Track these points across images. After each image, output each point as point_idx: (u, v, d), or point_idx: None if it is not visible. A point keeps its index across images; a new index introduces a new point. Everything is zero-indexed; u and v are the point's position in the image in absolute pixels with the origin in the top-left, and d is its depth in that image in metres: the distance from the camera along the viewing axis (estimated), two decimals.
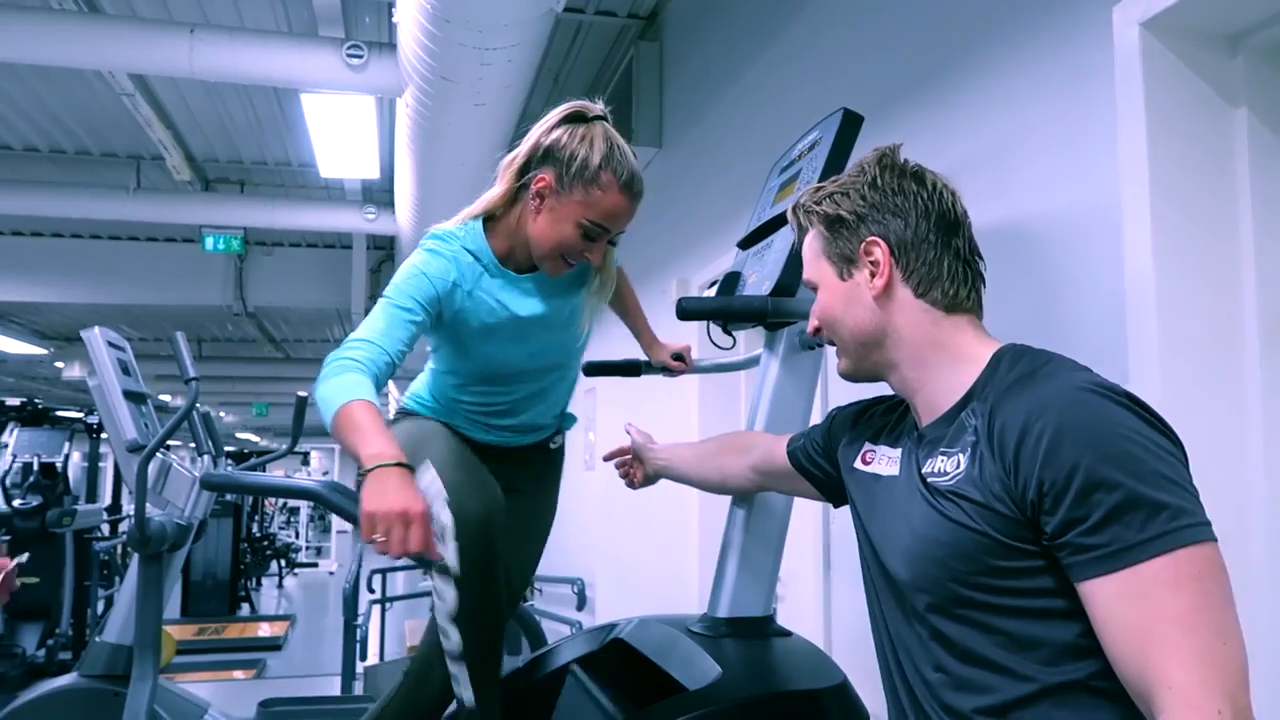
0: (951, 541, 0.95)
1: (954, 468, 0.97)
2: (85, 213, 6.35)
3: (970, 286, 1.07)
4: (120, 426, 2.68)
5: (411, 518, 1.24)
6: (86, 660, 2.65)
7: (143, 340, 11.43)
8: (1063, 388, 0.91)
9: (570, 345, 1.84)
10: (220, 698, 4.76)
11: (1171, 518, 0.82)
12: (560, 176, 1.57)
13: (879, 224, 1.08)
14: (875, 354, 1.10)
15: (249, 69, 3.87)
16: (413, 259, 1.65)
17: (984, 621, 0.93)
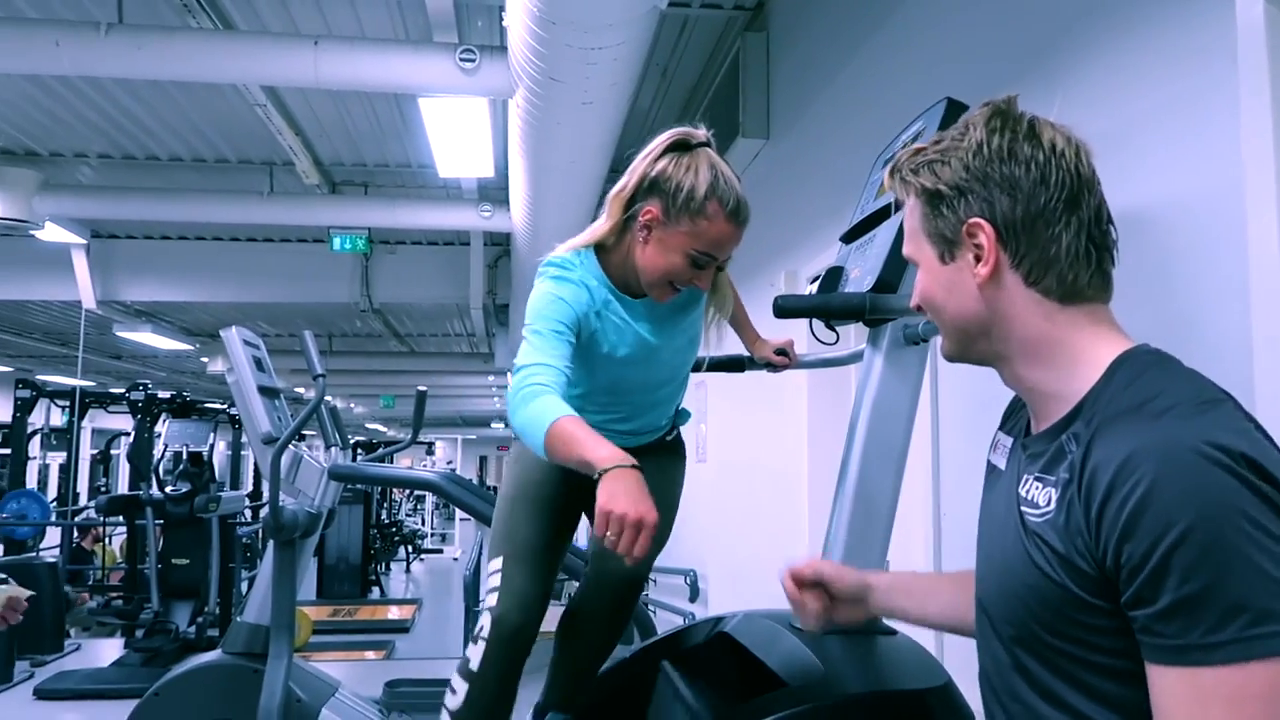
0: (1036, 586, 0.86)
1: (1044, 503, 0.88)
2: (224, 217, 6.76)
3: (1094, 268, 0.92)
4: (255, 420, 2.86)
5: (646, 524, 1.24)
6: (228, 638, 2.85)
7: (278, 336, 12.06)
8: (1169, 438, 0.77)
9: (687, 360, 1.88)
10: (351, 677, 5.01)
11: (1252, 622, 0.70)
12: (667, 208, 1.59)
13: (984, 201, 0.93)
14: (981, 344, 0.98)
15: (369, 76, 4.03)
16: (544, 288, 1.66)
17: (1065, 669, 0.86)
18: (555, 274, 1.68)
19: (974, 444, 2.29)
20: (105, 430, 12.97)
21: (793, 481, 3.51)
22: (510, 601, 1.67)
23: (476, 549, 6.30)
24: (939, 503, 2.41)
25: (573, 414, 1.41)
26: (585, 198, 4.91)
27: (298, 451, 3.04)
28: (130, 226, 8.32)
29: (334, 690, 2.84)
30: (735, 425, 4.55)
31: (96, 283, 8.15)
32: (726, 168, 1.62)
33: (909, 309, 1.62)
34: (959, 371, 2.34)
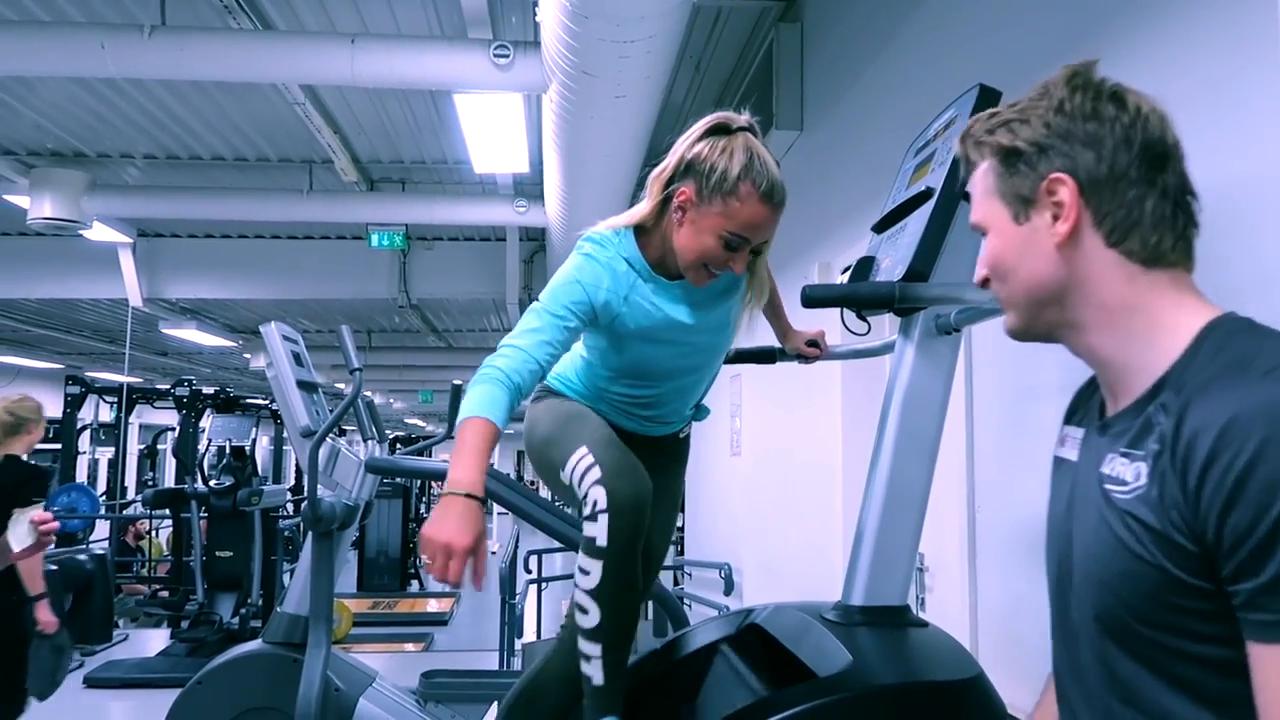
0: (1129, 573, 0.80)
1: (1133, 478, 0.81)
2: (266, 215, 6.87)
3: (1179, 234, 0.87)
4: (294, 413, 2.91)
5: (455, 551, 1.31)
6: (269, 629, 2.90)
7: (318, 332, 12.23)
8: (1275, 399, 0.72)
9: (719, 347, 1.87)
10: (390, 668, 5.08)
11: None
12: (700, 189, 1.60)
13: (1065, 157, 0.88)
14: (1052, 312, 0.91)
15: (404, 73, 4.07)
16: (570, 264, 1.70)
17: (1160, 662, 0.80)
18: (588, 251, 1.70)
19: (1010, 435, 2.26)
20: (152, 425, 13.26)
21: (827, 474, 3.49)
22: (618, 472, 1.62)
23: (513, 542, 6.35)
24: (974, 495, 2.38)
25: (488, 419, 1.46)
26: (620, 191, 4.92)
27: (335, 445, 3.08)
28: (175, 225, 8.48)
29: (371, 680, 2.88)
30: (770, 418, 4.54)
31: (143, 281, 8.32)
32: (764, 151, 1.61)
33: (940, 298, 1.61)
34: (995, 362, 2.32)
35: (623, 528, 1.60)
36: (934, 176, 1.71)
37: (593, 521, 1.62)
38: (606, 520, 1.59)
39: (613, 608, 1.64)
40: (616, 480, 1.62)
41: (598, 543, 1.60)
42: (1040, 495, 2.09)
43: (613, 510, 1.60)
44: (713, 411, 2.08)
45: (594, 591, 1.63)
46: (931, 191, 1.67)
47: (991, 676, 1.57)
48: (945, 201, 1.64)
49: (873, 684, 1.33)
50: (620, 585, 1.63)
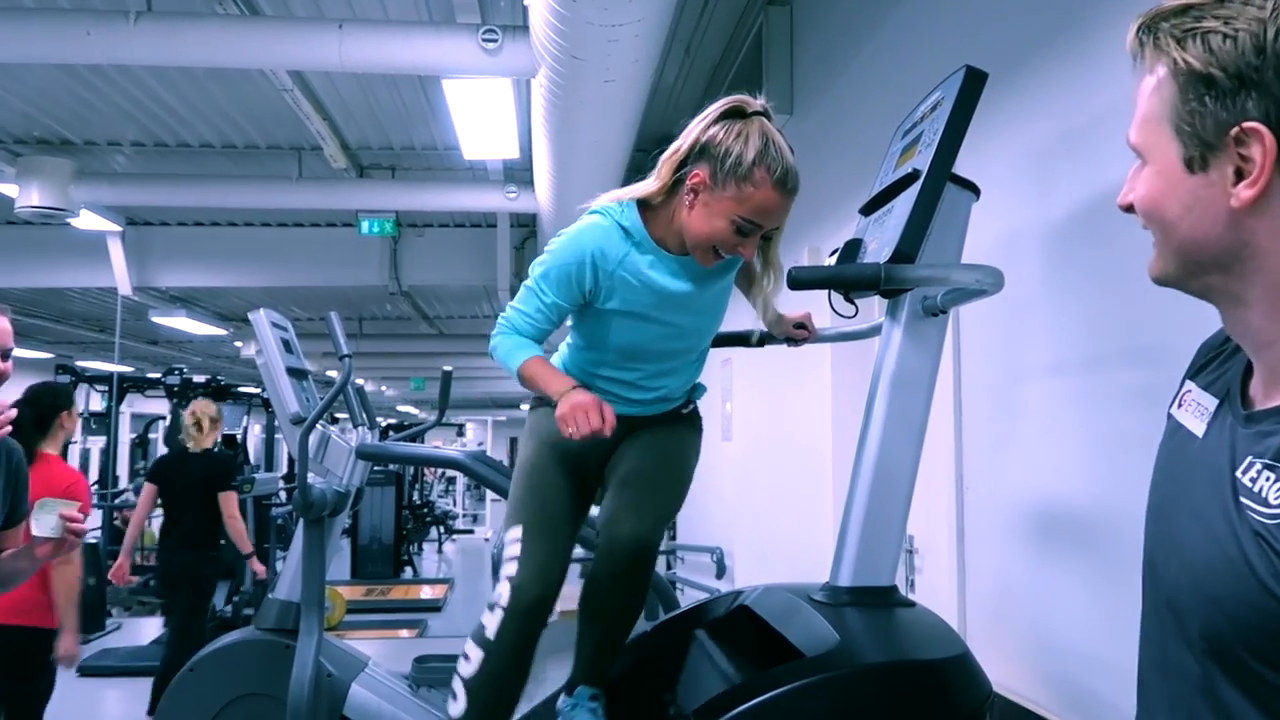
0: (1252, 603, 0.69)
1: (1276, 501, 0.69)
2: (255, 202, 6.84)
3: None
4: (284, 400, 2.90)
5: (589, 408, 1.55)
6: (260, 615, 2.90)
7: (309, 320, 12.19)
8: None
9: (709, 328, 1.88)
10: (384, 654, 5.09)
11: None
12: (715, 172, 1.60)
13: (1273, 101, 0.68)
14: (1212, 277, 0.76)
15: (393, 59, 4.05)
16: (568, 234, 1.74)
17: (1272, 704, 0.70)
18: (587, 222, 1.73)
19: (999, 416, 2.27)
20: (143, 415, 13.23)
21: (818, 457, 3.51)
22: (529, 571, 1.69)
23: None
24: (962, 476, 2.39)
25: (540, 355, 1.73)
26: (610, 176, 4.90)
27: (325, 431, 3.08)
28: (164, 213, 8.43)
29: (364, 665, 2.89)
30: (760, 403, 4.55)
31: (132, 269, 8.28)
32: (779, 137, 1.62)
33: (926, 279, 1.62)
34: (983, 343, 2.33)
35: (513, 631, 1.66)
36: (921, 158, 1.71)
37: (489, 612, 1.67)
38: (501, 618, 1.64)
39: (481, 703, 1.69)
40: (525, 583, 1.67)
41: (486, 633, 1.65)
42: (1029, 475, 2.11)
43: (509, 612, 1.66)
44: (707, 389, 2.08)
45: (468, 681, 1.69)
46: (918, 174, 1.67)
47: (980, 656, 1.58)
48: (932, 183, 1.65)
49: (859, 663, 1.35)
50: (495, 684, 1.69)
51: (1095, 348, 1.89)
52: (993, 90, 1.79)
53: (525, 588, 1.67)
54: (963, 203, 1.79)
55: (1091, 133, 1.87)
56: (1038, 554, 2.05)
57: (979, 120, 1.76)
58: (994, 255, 1.98)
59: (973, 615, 2.35)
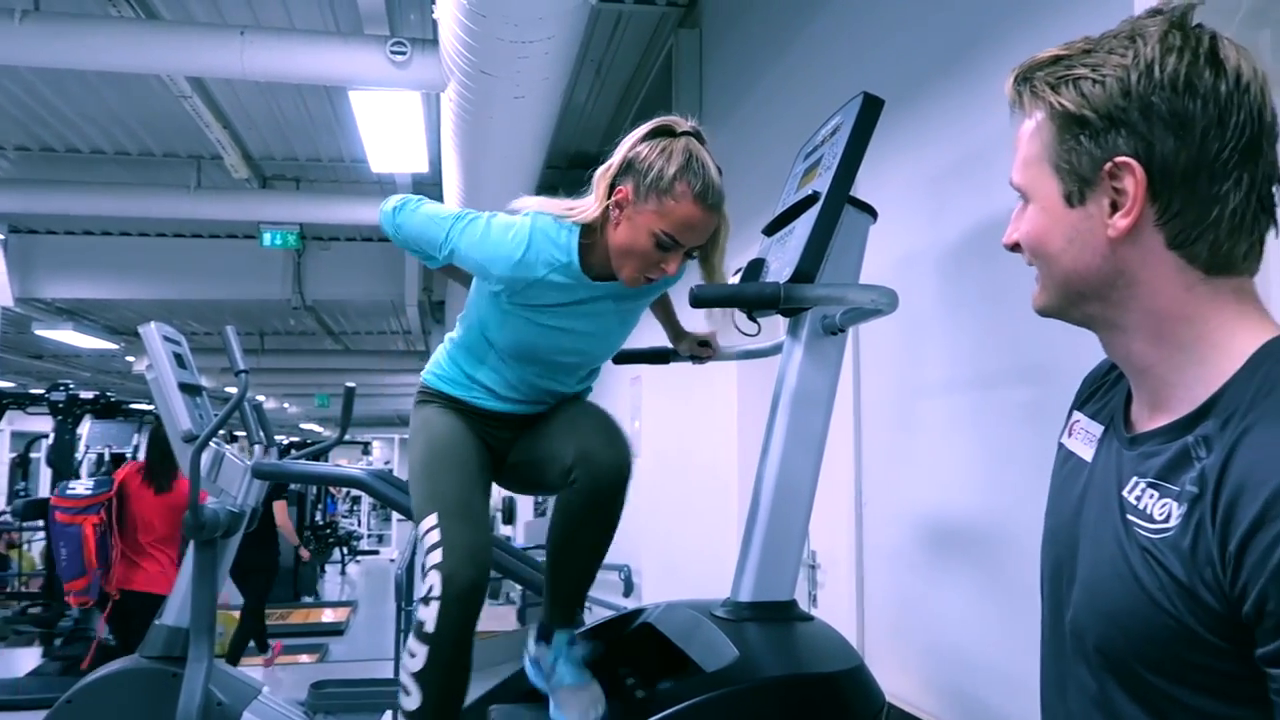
0: (1142, 617, 0.72)
1: (1162, 517, 0.72)
2: (150, 211, 6.58)
3: (1256, 237, 0.74)
4: (175, 417, 2.79)
5: None
6: (146, 643, 2.77)
7: (208, 335, 11.78)
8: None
9: (600, 354, 1.89)
10: (280, 680, 4.92)
11: None
12: (638, 187, 1.60)
13: (1141, 137, 0.73)
14: (1093, 306, 0.80)
15: (297, 68, 3.96)
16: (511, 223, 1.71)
17: (1164, 711, 0.73)
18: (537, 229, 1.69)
19: (896, 433, 2.33)
20: (24, 433, 12.52)
21: (724, 474, 3.54)
22: (458, 555, 1.63)
23: (411, 549, 6.22)
24: (861, 491, 2.45)
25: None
26: (520, 193, 4.86)
27: (220, 449, 2.97)
28: (50, 221, 8.06)
29: (256, 693, 2.78)
30: (669, 420, 4.57)
31: (15, 279, 7.87)
32: (705, 155, 1.63)
33: (824, 298, 1.65)
34: (882, 362, 2.39)
35: (453, 618, 1.62)
36: (821, 181, 1.75)
37: (425, 606, 1.65)
38: (438, 608, 1.61)
39: (435, 692, 1.66)
40: (454, 568, 1.63)
41: (426, 628, 1.63)
42: (924, 491, 2.17)
43: (445, 600, 1.62)
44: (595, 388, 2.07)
45: (418, 675, 1.65)
46: (818, 196, 1.71)
47: (877, 668, 1.62)
48: (831, 206, 1.69)
49: (757, 677, 1.36)
50: (444, 671, 1.66)
51: (986, 366, 1.96)
52: (891, 116, 1.85)
53: (456, 572, 1.62)
54: (861, 225, 1.84)
55: (983, 159, 1.95)
56: (932, 567, 2.11)
57: (877, 145, 1.81)
58: (891, 276, 2.04)
59: (871, 628, 2.40)
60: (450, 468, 1.78)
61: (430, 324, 10.44)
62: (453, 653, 1.64)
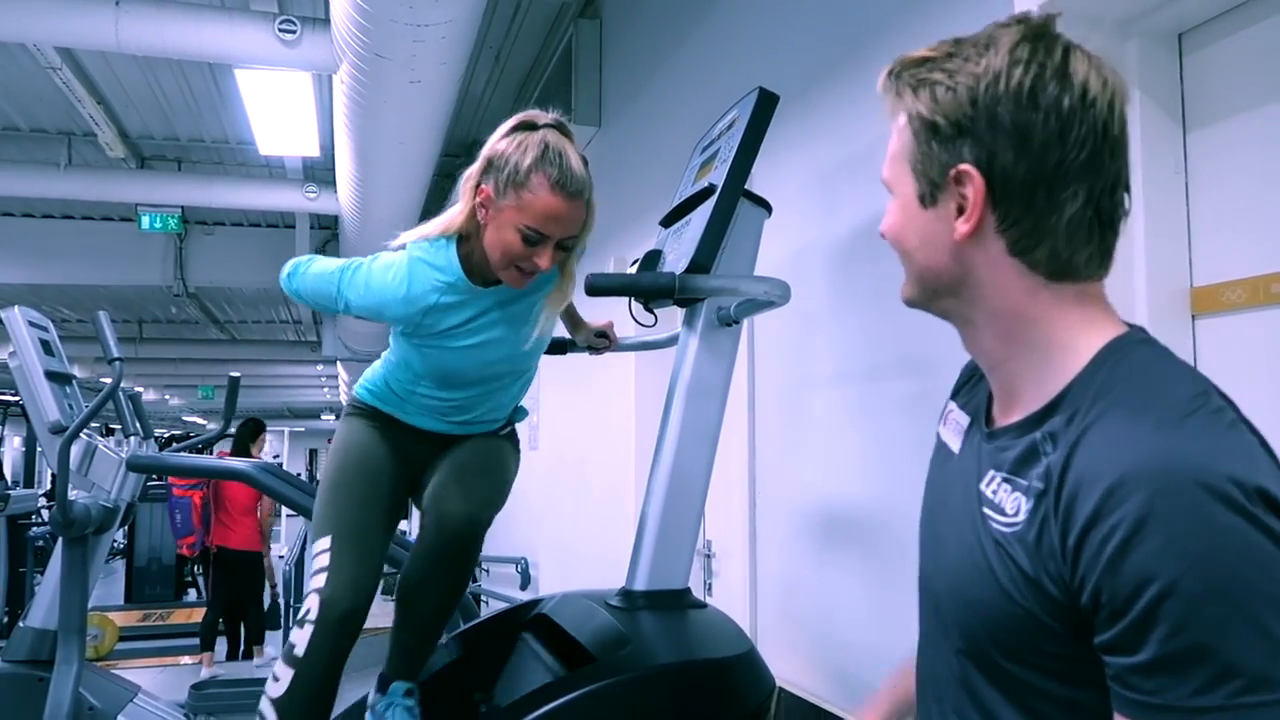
0: (994, 602, 0.75)
1: (1012, 511, 0.75)
2: (14, 190, 6.17)
3: (1095, 247, 0.77)
4: (42, 407, 2.64)
5: None
6: (10, 646, 2.62)
7: (80, 322, 11.17)
8: (1168, 462, 0.65)
9: (522, 353, 1.85)
10: (162, 683, 4.71)
11: (1246, 688, 0.61)
12: (498, 185, 1.56)
13: (984, 146, 0.75)
14: (947, 302, 0.83)
15: (177, 42, 3.78)
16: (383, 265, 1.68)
17: (1017, 693, 0.76)
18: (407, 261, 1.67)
19: (788, 423, 2.38)
20: None
21: (622, 464, 3.56)
22: (339, 583, 1.61)
23: (299, 544, 6.05)
24: (755, 481, 2.49)
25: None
26: (416, 181, 4.78)
27: (92, 442, 2.83)
28: None
29: (133, 695, 2.66)
30: (567, 412, 4.56)
31: None
32: (565, 145, 1.59)
33: (719, 290, 1.68)
34: (776, 353, 2.44)
35: (324, 647, 1.60)
36: (717, 174, 1.77)
37: (299, 628, 1.62)
38: (310, 634, 1.58)
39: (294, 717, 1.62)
40: (334, 595, 1.61)
41: (295, 651, 1.59)
42: (813, 479, 2.22)
43: (319, 625, 1.59)
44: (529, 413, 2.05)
45: (277, 702, 1.61)
46: (714, 188, 1.73)
47: (768, 652, 1.65)
48: (726, 198, 1.71)
49: (649, 664, 1.37)
50: (307, 702, 1.62)
51: (872, 358, 2.02)
52: (785, 112, 1.88)
53: (335, 600, 1.59)
54: (756, 218, 1.87)
55: (871, 157, 2.01)
56: (821, 553, 2.17)
57: (772, 141, 1.84)
58: (785, 269, 2.08)
59: (763, 614, 2.45)
60: (357, 485, 1.75)
61: (322, 314, 10.14)
62: (318, 682, 1.61)
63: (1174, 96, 1.50)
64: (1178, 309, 1.47)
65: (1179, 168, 1.49)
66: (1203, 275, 1.47)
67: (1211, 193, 1.46)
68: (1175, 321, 1.47)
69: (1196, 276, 1.47)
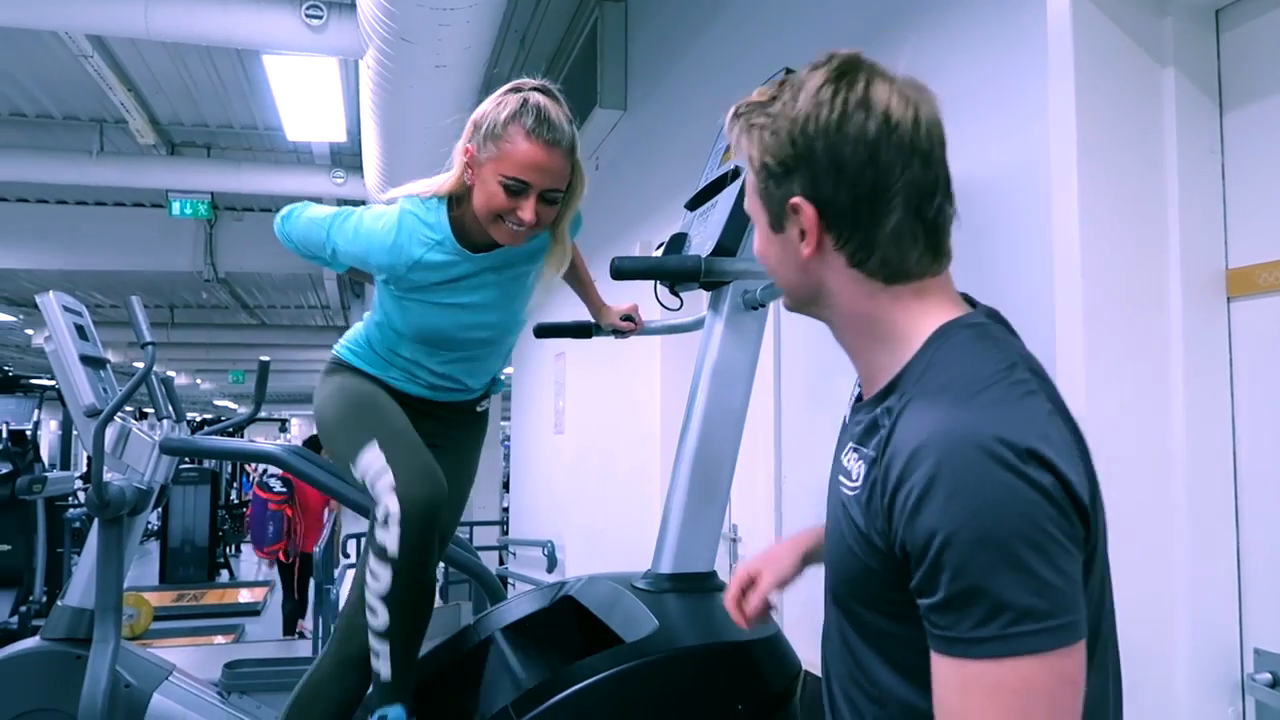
0: (846, 556, 0.87)
1: (856, 476, 0.87)
2: (48, 177, 6.26)
3: (924, 249, 0.87)
4: (77, 390, 2.67)
5: None
6: (48, 624, 2.66)
7: (113, 308, 11.32)
8: (955, 430, 0.76)
9: (510, 322, 1.88)
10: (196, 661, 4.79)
11: (1013, 621, 0.72)
12: (479, 143, 1.61)
13: (809, 181, 0.86)
14: (812, 309, 0.96)
15: (206, 29, 3.81)
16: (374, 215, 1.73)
17: (874, 638, 0.87)
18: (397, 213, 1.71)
19: (814, 407, 2.37)
20: None
21: (648, 448, 3.56)
22: (411, 473, 1.62)
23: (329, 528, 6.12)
24: (781, 465, 2.49)
25: None
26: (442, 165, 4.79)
27: (126, 425, 2.87)
28: None
29: (168, 673, 2.70)
30: (593, 396, 4.57)
31: None
32: (545, 101, 1.61)
33: (744, 272, 1.67)
34: (801, 336, 2.42)
35: (415, 538, 1.61)
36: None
37: (384, 529, 1.62)
38: (399, 530, 1.59)
39: (402, 611, 1.65)
40: (410, 488, 1.62)
41: (389, 551, 1.60)
42: None
43: (405, 521, 1.60)
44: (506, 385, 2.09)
45: (385, 596, 1.63)
46: (739, 170, 1.72)
47: (793, 635, 1.65)
48: None
49: (675, 646, 1.37)
50: (410, 591, 1.65)
51: None
52: None
53: (413, 491, 1.60)
54: None
55: None
56: None
57: None
58: None
59: (788, 597, 2.44)
60: (376, 407, 1.79)
61: (350, 298, 10.22)
62: (417, 572, 1.63)
63: (1210, 74, 1.47)
64: (1213, 291, 1.45)
65: (1215, 147, 1.46)
66: (1238, 257, 1.44)
67: (1249, 173, 1.43)
68: (1210, 303, 1.45)
69: (1232, 258, 1.45)
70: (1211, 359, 1.44)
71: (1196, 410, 1.43)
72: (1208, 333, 1.44)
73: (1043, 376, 0.83)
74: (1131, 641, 1.38)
